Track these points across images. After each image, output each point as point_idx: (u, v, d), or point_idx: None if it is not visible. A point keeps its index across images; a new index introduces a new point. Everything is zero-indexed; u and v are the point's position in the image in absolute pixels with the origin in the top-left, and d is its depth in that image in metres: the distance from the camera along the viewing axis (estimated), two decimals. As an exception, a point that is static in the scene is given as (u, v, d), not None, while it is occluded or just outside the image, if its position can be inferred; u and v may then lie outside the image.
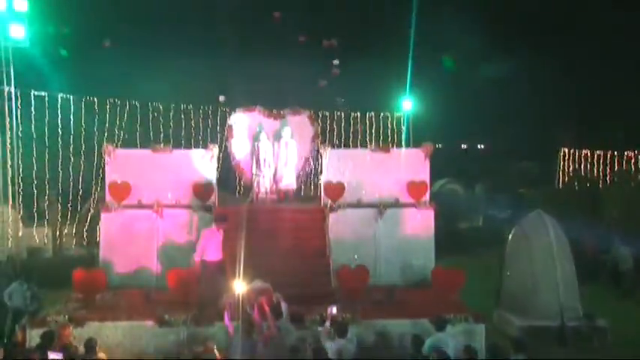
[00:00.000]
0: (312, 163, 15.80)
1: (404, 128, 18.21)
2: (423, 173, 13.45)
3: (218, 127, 16.91)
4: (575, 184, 23.59)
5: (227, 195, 15.32)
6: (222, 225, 11.38)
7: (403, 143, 17.96)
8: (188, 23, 21.05)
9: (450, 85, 26.26)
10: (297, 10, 20.34)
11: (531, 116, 28.72)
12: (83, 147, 16.24)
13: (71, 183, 16.20)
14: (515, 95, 27.87)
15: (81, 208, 16.64)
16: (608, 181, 22.33)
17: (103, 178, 13.54)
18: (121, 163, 13.07)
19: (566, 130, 27.33)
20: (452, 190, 22.52)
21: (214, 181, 13.32)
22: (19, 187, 14.76)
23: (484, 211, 22.84)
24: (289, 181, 14.76)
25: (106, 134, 15.95)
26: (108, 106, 16.34)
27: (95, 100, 16.23)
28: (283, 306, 9.69)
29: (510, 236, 12.40)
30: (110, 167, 13.08)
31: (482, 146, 36.33)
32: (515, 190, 24.70)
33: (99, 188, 15.60)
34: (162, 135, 16.37)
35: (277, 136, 14.88)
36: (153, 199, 12.86)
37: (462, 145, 35.76)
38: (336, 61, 19.12)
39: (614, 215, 19.10)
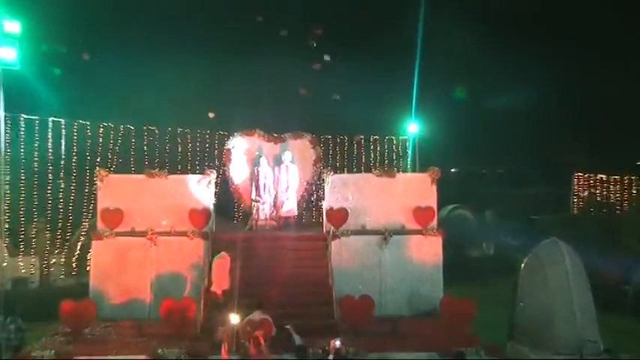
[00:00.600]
0: (313, 189, 16.06)
1: (409, 152, 18.25)
2: (430, 198, 13.54)
3: (216, 152, 17.04)
4: (591, 209, 23.47)
5: (225, 221, 15.40)
6: (229, 252, 11.57)
7: (409, 168, 18.05)
8: (186, 45, 21.30)
9: (458, 108, 26.39)
10: (299, 30, 20.66)
11: (544, 139, 28.69)
12: (75, 172, 16.21)
13: (61, 210, 16.19)
14: (527, 117, 27.91)
15: (71, 236, 16.63)
16: (627, 207, 22.23)
17: (95, 205, 13.58)
18: (114, 189, 13.20)
19: (580, 153, 27.33)
20: (461, 216, 22.40)
21: (212, 207, 13.43)
22: (6, 214, 14.70)
23: (495, 238, 22.67)
24: (290, 207, 14.92)
25: (98, 159, 15.97)
26: (101, 130, 16.40)
27: (88, 123, 16.29)
28: (296, 338, 9.72)
29: (524, 265, 11.98)
30: (102, 193, 13.20)
31: (502, 170, 35.93)
32: (528, 216, 24.58)
33: (90, 215, 15.63)
34: (157, 160, 16.43)
35: (277, 161, 15.09)
36: (147, 226, 12.94)
37: (483, 170, 35.45)
38: (327, 57, 19.25)
39: (634, 242, 18.88)
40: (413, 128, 18.97)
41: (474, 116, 26.67)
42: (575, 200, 24.96)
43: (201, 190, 13.36)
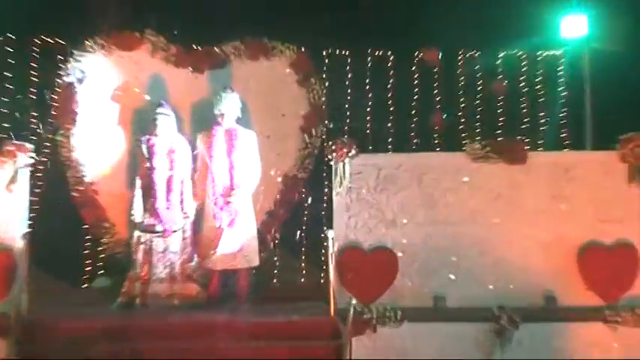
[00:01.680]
0: (305, 192, 16.22)
1: (563, 92, 18.35)
2: (628, 220, 12.88)
3: (35, 92, 16.77)
4: None
5: (58, 284, 15.38)
6: None
7: (563, 135, 18.22)
8: None
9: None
10: None
11: None
12: None
13: None
14: None
15: None
16: None
17: None
18: None
19: None
20: None
21: (20, 244, 12.94)
22: None
23: None
24: (238, 245, 14.67)
25: None
26: None
27: None
28: None
29: None
30: None
31: None
32: None
33: None
34: None
35: (205, 118, 15.21)
36: None
37: None
38: None
39: None
40: (574, 30, 18.85)
41: None
42: None
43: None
